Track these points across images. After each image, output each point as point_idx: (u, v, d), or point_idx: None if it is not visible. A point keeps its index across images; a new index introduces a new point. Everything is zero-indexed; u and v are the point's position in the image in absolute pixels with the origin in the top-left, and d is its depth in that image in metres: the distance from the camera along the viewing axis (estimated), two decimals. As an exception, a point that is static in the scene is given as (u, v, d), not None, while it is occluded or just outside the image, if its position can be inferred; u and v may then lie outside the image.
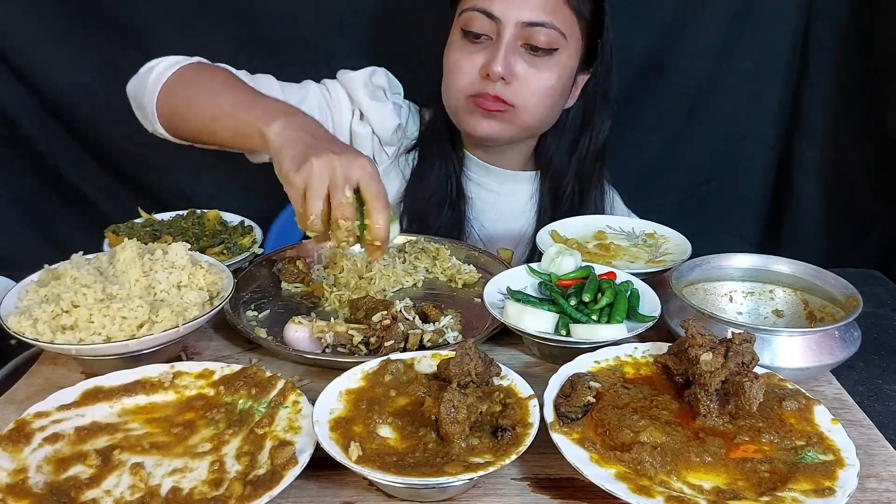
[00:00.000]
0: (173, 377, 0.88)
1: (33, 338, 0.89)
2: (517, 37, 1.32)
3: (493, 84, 1.34)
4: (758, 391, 0.78)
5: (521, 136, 1.44)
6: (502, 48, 1.31)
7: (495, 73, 1.31)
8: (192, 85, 1.27)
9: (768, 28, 1.80)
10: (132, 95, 1.35)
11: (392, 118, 1.47)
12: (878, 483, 0.79)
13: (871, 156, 1.81)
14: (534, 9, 1.31)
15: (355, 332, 1.00)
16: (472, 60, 1.36)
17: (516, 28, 1.31)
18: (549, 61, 1.34)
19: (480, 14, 1.33)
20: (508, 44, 1.32)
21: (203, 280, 1.01)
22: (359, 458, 0.71)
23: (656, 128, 1.91)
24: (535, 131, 1.47)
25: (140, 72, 1.33)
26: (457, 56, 1.39)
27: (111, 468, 0.75)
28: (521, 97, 1.35)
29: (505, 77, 1.32)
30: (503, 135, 1.41)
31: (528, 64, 1.34)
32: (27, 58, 1.72)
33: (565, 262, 1.09)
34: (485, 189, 1.52)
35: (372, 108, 1.45)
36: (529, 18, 1.30)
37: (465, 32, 1.36)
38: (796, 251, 1.18)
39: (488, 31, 1.33)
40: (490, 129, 1.39)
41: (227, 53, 1.75)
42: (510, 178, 1.52)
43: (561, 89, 1.39)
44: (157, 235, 1.19)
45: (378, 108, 1.45)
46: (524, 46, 1.33)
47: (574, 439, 0.76)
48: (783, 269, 1.09)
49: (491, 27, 1.33)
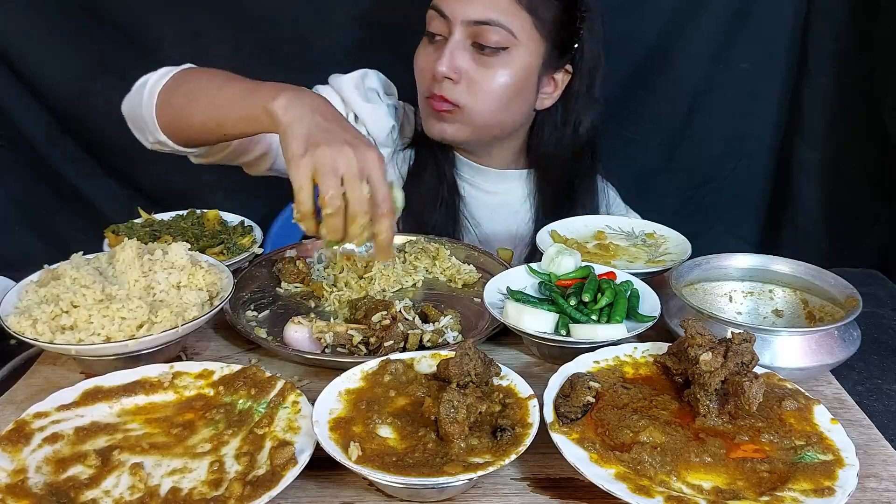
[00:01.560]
0: (173, 377, 0.88)
1: (33, 338, 0.88)
2: (467, 35, 1.31)
3: (440, 84, 1.34)
4: (757, 391, 0.78)
5: (483, 136, 1.42)
6: (447, 47, 1.32)
7: (438, 72, 1.32)
8: (191, 84, 1.26)
9: (767, 28, 1.80)
10: (128, 113, 1.33)
11: (386, 120, 1.46)
12: (878, 483, 0.79)
13: (870, 156, 1.81)
14: (480, 7, 1.30)
15: (355, 332, 1.00)
16: (428, 60, 1.36)
17: (464, 26, 1.30)
18: (498, 60, 1.32)
19: (436, 13, 1.33)
20: (455, 42, 1.31)
21: (203, 280, 1.01)
22: (358, 459, 0.71)
23: (656, 128, 1.91)
24: (499, 131, 1.44)
25: (132, 89, 1.32)
26: (418, 56, 1.40)
27: (111, 468, 0.75)
28: (469, 97, 1.34)
29: (451, 76, 1.32)
30: (457, 136, 1.40)
31: (476, 63, 1.33)
32: (27, 58, 1.72)
33: (565, 262, 1.09)
34: (477, 188, 1.52)
35: (366, 110, 1.44)
36: (476, 17, 1.30)
37: (426, 33, 1.37)
38: (796, 251, 1.18)
39: (442, 31, 1.33)
40: (442, 131, 1.39)
41: (227, 53, 1.76)
42: (501, 177, 1.52)
43: (517, 88, 1.36)
44: (156, 235, 1.19)
45: (372, 110, 1.45)
46: (474, 45, 1.32)
47: (574, 439, 0.76)
48: (783, 269, 1.09)
49: (444, 27, 1.33)
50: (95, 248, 1.12)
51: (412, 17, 1.41)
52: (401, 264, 1.23)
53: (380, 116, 1.45)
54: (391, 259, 1.15)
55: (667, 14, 1.79)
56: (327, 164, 0.97)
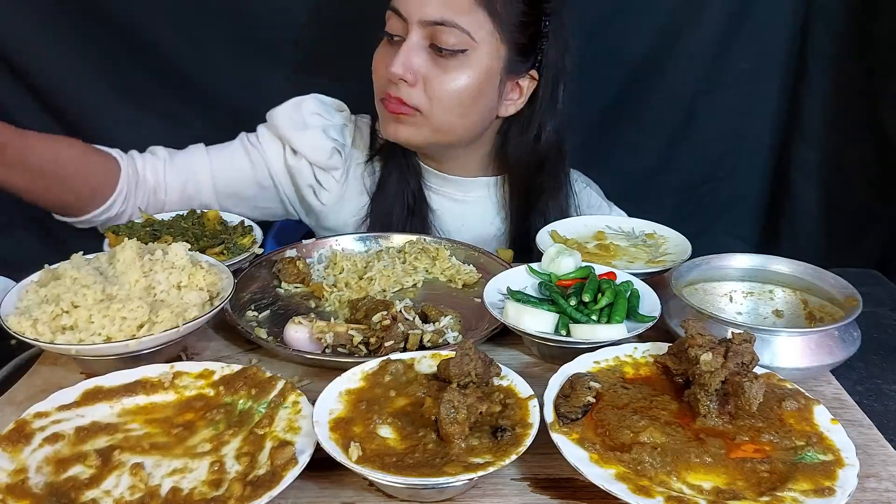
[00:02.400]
0: (173, 377, 0.88)
1: (33, 338, 0.88)
2: (424, 36, 1.27)
3: (396, 86, 1.29)
4: (757, 391, 0.78)
5: (441, 140, 1.37)
6: (403, 48, 1.28)
7: (392, 74, 1.27)
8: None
9: (766, 28, 1.80)
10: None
11: (323, 143, 1.41)
12: (878, 483, 0.79)
13: (869, 156, 1.81)
14: (437, 7, 1.26)
15: (355, 332, 1.00)
16: (385, 61, 1.32)
17: (420, 27, 1.27)
18: (456, 63, 1.28)
19: (393, 13, 1.30)
20: (411, 43, 1.27)
21: (203, 280, 1.01)
22: (359, 459, 0.71)
23: (655, 128, 1.92)
24: (458, 137, 1.38)
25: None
26: (375, 57, 1.36)
27: (111, 468, 0.75)
28: (425, 101, 1.30)
29: (406, 78, 1.28)
30: (414, 139, 1.35)
31: (433, 65, 1.29)
32: (27, 58, 1.72)
33: (565, 262, 1.09)
34: (445, 198, 1.48)
35: (299, 140, 1.40)
36: (432, 17, 1.25)
37: (384, 33, 1.34)
38: (795, 251, 1.18)
39: (400, 32, 1.30)
40: (398, 133, 1.34)
41: (227, 54, 1.76)
42: (470, 185, 1.48)
43: (476, 92, 1.31)
44: (157, 235, 1.19)
45: (306, 137, 1.41)
46: (432, 47, 1.28)
47: (574, 439, 0.76)
48: (783, 269, 1.09)
49: (401, 27, 1.29)
50: (95, 248, 1.12)
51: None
52: (400, 265, 1.23)
53: (315, 142, 1.41)
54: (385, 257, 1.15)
55: (666, 14, 1.79)
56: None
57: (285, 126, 1.40)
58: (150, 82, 1.74)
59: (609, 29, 1.76)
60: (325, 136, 1.42)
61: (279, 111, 1.42)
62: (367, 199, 1.47)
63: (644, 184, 1.95)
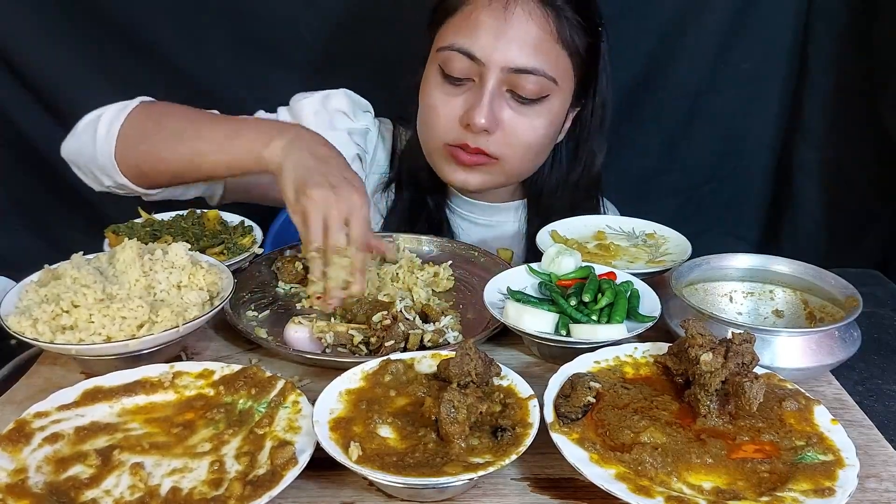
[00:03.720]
0: (173, 377, 0.88)
1: (33, 338, 0.88)
2: (502, 82, 1.20)
3: (475, 136, 1.22)
4: (758, 391, 0.78)
5: (507, 184, 1.36)
6: (486, 97, 1.19)
7: (477, 125, 1.19)
8: (157, 130, 1.19)
9: (767, 28, 1.80)
10: (72, 157, 1.24)
11: (347, 149, 1.33)
12: (878, 483, 0.79)
13: (870, 156, 1.81)
14: (522, 52, 1.17)
15: (355, 332, 1.00)
16: (452, 105, 1.23)
17: (502, 73, 1.18)
18: (538, 109, 1.23)
19: (461, 55, 1.20)
20: (492, 91, 1.19)
21: (203, 280, 1.01)
22: (359, 459, 0.71)
23: (656, 128, 1.91)
24: (523, 178, 1.38)
25: (77, 130, 1.24)
26: (435, 98, 1.26)
27: (111, 468, 0.75)
28: (506, 149, 1.24)
29: (488, 129, 1.21)
30: (484, 187, 1.31)
31: (514, 112, 1.22)
32: (27, 58, 1.72)
33: (565, 262, 1.09)
34: (469, 221, 1.45)
35: None
36: (517, 64, 1.17)
37: (444, 74, 1.23)
38: (796, 251, 1.18)
39: (470, 74, 1.21)
40: (468, 181, 1.29)
41: (227, 53, 1.76)
42: (497, 210, 1.44)
43: (552, 135, 1.28)
44: (157, 235, 1.19)
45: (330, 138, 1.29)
46: (510, 92, 1.21)
47: (574, 439, 0.76)
48: (783, 269, 1.09)
49: (473, 70, 1.20)
50: (95, 248, 1.12)
51: (414, 19, 1.40)
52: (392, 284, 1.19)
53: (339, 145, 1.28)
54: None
55: (668, 14, 1.79)
56: (312, 214, 1.00)
57: (311, 122, 1.32)
58: (150, 82, 1.74)
59: (610, 29, 1.76)
60: (350, 140, 1.37)
61: (307, 104, 1.36)
62: (379, 218, 1.43)
63: (645, 183, 1.95)
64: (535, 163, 1.33)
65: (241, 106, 1.48)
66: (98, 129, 1.19)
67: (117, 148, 1.18)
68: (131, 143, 1.19)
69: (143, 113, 1.21)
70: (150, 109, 1.23)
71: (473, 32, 1.19)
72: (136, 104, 1.23)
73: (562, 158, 1.39)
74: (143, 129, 1.19)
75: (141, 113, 1.21)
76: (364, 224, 1.03)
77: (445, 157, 1.29)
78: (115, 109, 1.22)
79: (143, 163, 1.19)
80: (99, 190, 1.28)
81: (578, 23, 1.23)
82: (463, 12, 1.22)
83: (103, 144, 1.19)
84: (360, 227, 1.02)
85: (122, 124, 1.19)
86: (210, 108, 1.31)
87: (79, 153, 1.23)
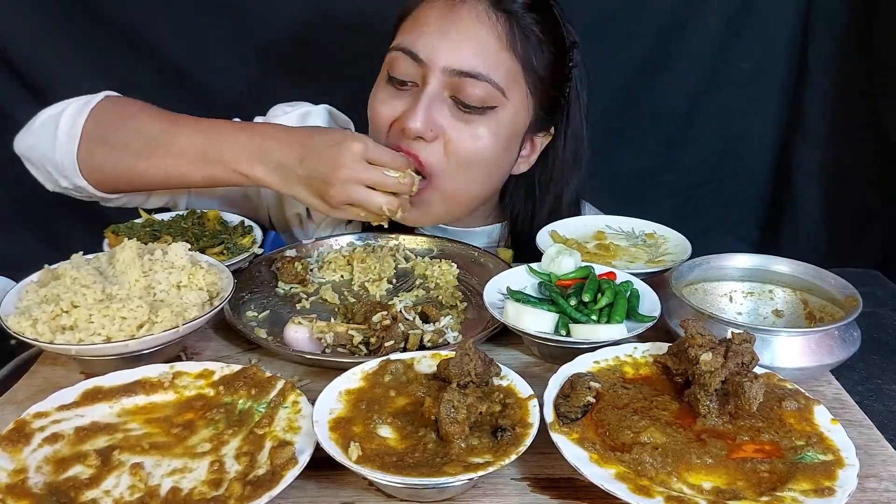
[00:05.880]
0: (173, 377, 0.88)
1: (33, 338, 0.88)
2: (444, 86, 1.13)
3: (409, 142, 1.14)
4: (757, 391, 0.78)
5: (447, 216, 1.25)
6: (424, 99, 1.12)
7: (410, 129, 1.12)
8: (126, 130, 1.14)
9: (767, 28, 1.80)
10: (27, 153, 1.17)
11: None
12: (878, 483, 0.79)
13: (870, 155, 1.82)
14: (467, 55, 1.11)
15: (355, 332, 1.00)
16: (392, 108, 1.17)
17: (444, 75, 1.12)
18: (482, 119, 1.14)
19: (405, 55, 1.14)
20: (432, 94, 1.12)
21: (203, 280, 1.01)
22: (358, 458, 0.71)
23: (656, 128, 1.92)
24: (467, 207, 1.26)
25: (33, 125, 1.17)
26: (376, 100, 1.20)
27: (111, 468, 0.75)
28: (443, 161, 1.15)
29: (423, 135, 1.12)
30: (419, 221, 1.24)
31: (456, 119, 1.14)
32: (27, 58, 1.72)
33: (565, 262, 1.09)
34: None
35: None
36: (460, 66, 1.11)
37: (390, 76, 1.18)
38: (796, 251, 1.18)
39: (413, 77, 1.15)
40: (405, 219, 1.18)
41: (227, 53, 1.77)
42: (468, 236, 1.34)
43: (498, 154, 1.18)
44: (156, 235, 1.19)
45: None
46: (453, 99, 1.14)
47: (574, 439, 0.76)
48: (783, 269, 1.09)
49: (416, 72, 1.14)
50: (95, 248, 1.12)
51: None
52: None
53: None
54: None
55: (667, 14, 1.79)
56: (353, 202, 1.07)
57: None
58: (150, 82, 1.75)
59: (609, 29, 1.76)
60: None
61: (285, 120, 1.30)
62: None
63: (645, 184, 1.95)
64: (477, 184, 1.21)
65: (241, 106, 1.49)
66: (59, 126, 1.13)
67: (79, 148, 1.12)
68: (95, 145, 1.13)
69: (109, 111, 1.15)
70: (115, 107, 1.17)
71: (418, 32, 1.15)
72: (100, 98, 1.17)
73: (534, 190, 1.33)
74: (109, 130, 1.14)
75: (106, 111, 1.15)
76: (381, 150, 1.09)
77: None
78: (77, 105, 1.16)
79: (106, 167, 1.14)
80: (53, 190, 1.21)
81: (537, 36, 1.17)
82: (413, 13, 1.19)
83: (64, 143, 1.12)
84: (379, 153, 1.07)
85: (86, 122, 1.13)
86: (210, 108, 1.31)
87: (34, 149, 1.16)
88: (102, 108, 1.16)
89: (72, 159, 1.13)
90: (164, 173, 1.15)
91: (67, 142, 1.12)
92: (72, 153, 1.13)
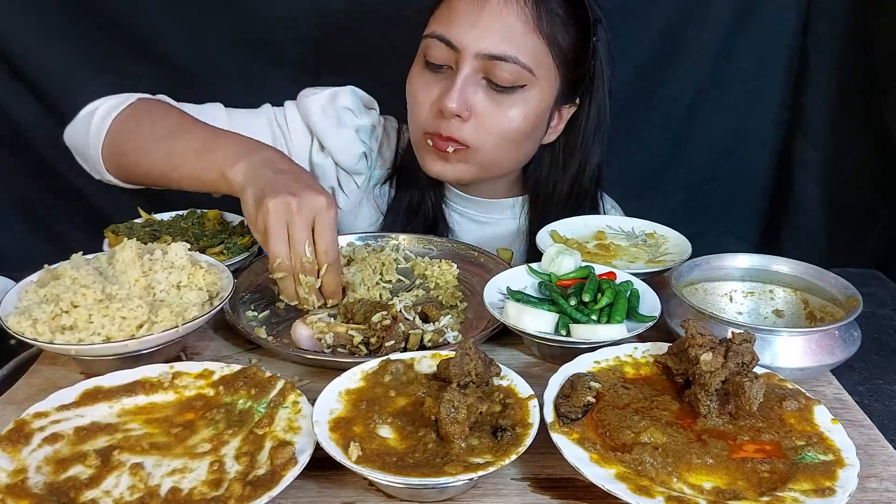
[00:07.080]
0: (173, 377, 0.88)
1: (33, 338, 0.88)
2: (477, 69, 1.21)
3: (448, 122, 1.23)
4: (758, 391, 0.78)
5: (486, 176, 1.34)
6: (458, 82, 1.20)
7: (448, 109, 1.20)
8: (140, 131, 1.20)
9: (769, 28, 1.81)
10: (72, 144, 1.27)
11: (354, 146, 1.37)
12: (879, 483, 0.78)
13: (871, 155, 1.81)
14: (496, 39, 1.18)
15: (355, 332, 1.00)
16: (430, 92, 1.25)
17: (476, 60, 1.20)
18: (513, 98, 1.22)
19: (439, 42, 1.22)
20: (466, 77, 1.20)
21: (203, 280, 1.01)
22: (359, 459, 0.71)
23: (656, 127, 1.92)
24: (503, 171, 1.36)
25: (78, 118, 1.26)
26: (415, 86, 1.28)
27: (111, 468, 0.75)
28: (479, 137, 1.24)
29: (460, 114, 1.21)
30: (460, 177, 1.31)
31: (489, 100, 1.22)
32: (27, 58, 1.72)
33: (565, 262, 1.09)
34: (466, 218, 1.46)
35: (331, 137, 1.35)
36: (490, 50, 1.18)
37: (426, 62, 1.26)
38: (796, 251, 1.18)
39: (447, 61, 1.22)
40: (443, 171, 1.29)
41: (227, 53, 1.77)
42: (494, 206, 1.44)
43: (529, 128, 1.27)
44: (156, 235, 1.19)
45: (338, 135, 1.35)
46: (486, 80, 1.22)
47: (574, 439, 0.76)
48: (783, 269, 1.09)
49: (450, 57, 1.22)
50: (95, 248, 1.12)
51: (414, 17, 1.40)
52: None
53: (346, 142, 1.36)
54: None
55: (668, 13, 1.79)
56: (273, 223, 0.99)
57: (319, 119, 1.34)
58: (150, 82, 1.74)
59: (611, 28, 1.76)
60: (356, 137, 1.38)
61: (314, 102, 1.35)
62: (379, 216, 1.44)
63: (646, 182, 1.95)
64: (512, 155, 1.31)
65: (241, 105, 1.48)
66: (93, 121, 1.21)
67: (104, 143, 1.20)
68: (115, 144, 1.20)
69: (136, 111, 1.22)
70: (142, 108, 1.23)
71: (451, 20, 1.22)
72: (133, 100, 1.23)
73: (559, 158, 1.39)
74: (126, 133, 1.20)
75: (134, 111, 1.22)
76: (331, 227, 1.02)
77: (425, 147, 1.30)
78: (112, 103, 1.23)
79: (122, 164, 1.21)
80: (98, 179, 1.30)
81: (562, 16, 1.23)
82: (445, 2, 1.26)
83: (94, 137, 1.20)
84: (326, 230, 1.01)
85: (114, 120, 1.20)
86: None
87: (74, 140, 1.27)
88: (132, 107, 1.23)
89: (98, 153, 1.21)
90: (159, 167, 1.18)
91: (96, 136, 1.21)
92: (98, 147, 1.21)
